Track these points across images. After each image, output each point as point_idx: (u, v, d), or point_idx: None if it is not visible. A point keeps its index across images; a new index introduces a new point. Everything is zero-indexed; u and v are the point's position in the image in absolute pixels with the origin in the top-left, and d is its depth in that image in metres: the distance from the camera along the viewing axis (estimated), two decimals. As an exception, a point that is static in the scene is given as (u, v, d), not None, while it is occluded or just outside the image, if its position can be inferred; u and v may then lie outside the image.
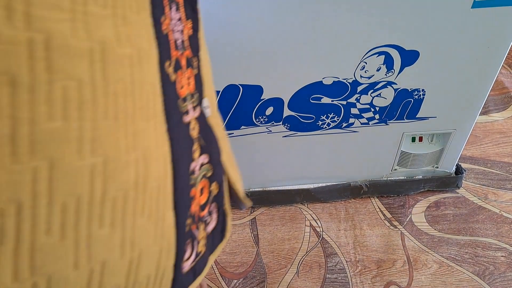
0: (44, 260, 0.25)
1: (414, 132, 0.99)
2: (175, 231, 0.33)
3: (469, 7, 0.75)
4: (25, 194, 0.23)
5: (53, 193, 0.24)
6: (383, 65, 0.83)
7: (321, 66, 0.82)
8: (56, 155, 0.24)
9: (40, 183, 0.24)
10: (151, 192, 0.30)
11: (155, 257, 0.32)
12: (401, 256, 1.00)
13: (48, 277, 0.26)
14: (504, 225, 1.06)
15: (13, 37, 0.20)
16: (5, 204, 0.23)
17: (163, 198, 0.31)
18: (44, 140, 0.23)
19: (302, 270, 0.98)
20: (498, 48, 0.83)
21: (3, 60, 0.21)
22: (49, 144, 0.23)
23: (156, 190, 0.30)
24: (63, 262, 0.26)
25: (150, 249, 0.31)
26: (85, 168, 0.25)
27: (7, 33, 0.20)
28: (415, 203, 1.11)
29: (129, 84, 0.26)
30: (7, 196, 0.23)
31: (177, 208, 0.33)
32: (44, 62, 0.22)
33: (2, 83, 0.21)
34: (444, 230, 1.05)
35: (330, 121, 0.92)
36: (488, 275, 0.96)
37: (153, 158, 0.29)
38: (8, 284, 0.24)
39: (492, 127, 1.31)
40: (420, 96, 0.90)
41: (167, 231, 0.32)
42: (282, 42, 0.77)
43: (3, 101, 0.21)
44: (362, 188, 1.09)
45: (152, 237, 0.31)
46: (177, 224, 0.33)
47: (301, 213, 1.09)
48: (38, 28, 0.21)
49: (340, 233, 1.04)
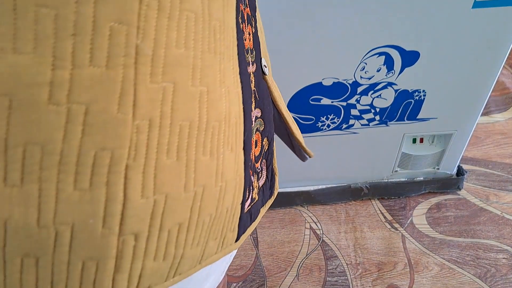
0: (163, 179, 0.27)
1: (414, 133, 0.98)
2: (244, 168, 0.36)
3: (470, 7, 0.75)
4: (156, 112, 0.25)
5: (174, 114, 0.26)
6: (384, 65, 0.82)
7: (320, 67, 0.81)
8: (178, 78, 0.26)
9: (166, 104, 0.26)
10: (232, 127, 0.32)
11: (232, 191, 0.34)
12: (402, 259, 0.99)
13: (165, 195, 0.28)
14: (505, 227, 1.05)
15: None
16: (141, 120, 0.25)
17: (239, 135, 0.34)
18: (172, 63, 0.25)
19: (302, 273, 0.97)
20: (498, 48, 0.82)
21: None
22: (175, 67, 0.26)
23: (234, 126, 0.33)
24: (176, 183, 0.28)
25: (231, 182, 0.33)
26: (195, 94, 0.27)
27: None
28: (416, 205, 1.11)
29: (221, 23, 0.29)
30: (144, 113, 0.25)
31: (245, 149, 0.35)
32: None
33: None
34: (445, 232, 1.04)
35: (330, 122, 0.92)
36: (489, 277, 0.95)
37: (233, 95, 0.32)
38: (137, 200, 0.26)
39: (493, 128, 1.31)
40: (420, 97, 0.89)
41: (240, 168, 0.35)
42: (281, 42, 0.77)
43: (150, 23, 0.24)
44: (362, 190, 1.09)
45: (232, 171, 0.33)
46: (245, 163, 0.36)
47: (301, 215, 1.08)
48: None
49: (341, 236, 1.04)
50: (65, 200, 0.25)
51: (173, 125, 0.27)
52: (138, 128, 0.25)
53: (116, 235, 0.26)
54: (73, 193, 0.25)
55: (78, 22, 0.22)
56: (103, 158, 0.25)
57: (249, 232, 0.40)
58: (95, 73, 0.23)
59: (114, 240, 0.26)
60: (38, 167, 0.23)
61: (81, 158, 0.24)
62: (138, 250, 0.27)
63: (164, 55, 0.25)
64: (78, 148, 0.24)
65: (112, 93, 0.24)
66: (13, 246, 0.25)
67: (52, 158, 0.24)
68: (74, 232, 0.25)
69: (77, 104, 0.23)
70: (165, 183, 0.27)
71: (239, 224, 0.37)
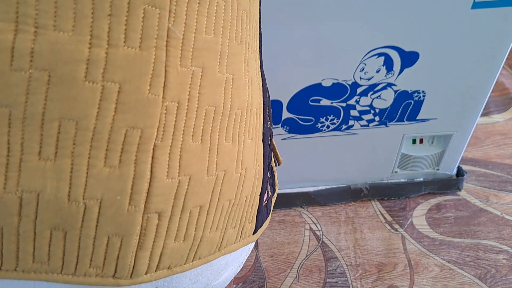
0: (188, 161, 0.28)
1: (414, 134, 0.98)
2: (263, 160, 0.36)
3: (469, 7, 0.75)
4: (185, 95, 0.26)
5: (201, 98, 0.27)
6: (383, 66, 0.82)
7: (320, 68, 0.81)
8: (207, 63, 0.27)
9: (194, 87, 0.27)
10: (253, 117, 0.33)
11: (251, 180, 0.34)
12: (402, 260, 0.99)
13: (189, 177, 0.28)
14: (505, 227, 1.05)
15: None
16: (170, 102, 0.26)
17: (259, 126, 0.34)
18: (201, 48, 0.26)
19: (302, 274, 0.97)
20: (498, 49, 0.82)
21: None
22: (204, 52, 0.26)
23: (255, 117, 0.33)
24: (200, 165, 0.28)
25: (250, 171, 0.34)
26: (222, 80, 0.28)
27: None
28: (416, 205, 1.11)
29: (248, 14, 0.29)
30: (173, 95, 0.26)
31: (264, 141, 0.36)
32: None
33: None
34: (445, 233, 1.04)
35: (329, 123, 0.92)
36: (489, 278, 0.95)
37: (255, 86, 0.32)
38: (163, 179, 0.27)
39: (493, 128, 1.31)
40: (420, 98, 0.89)
41: (259, 158, 0.35)
42: (280, 43, 0.77)
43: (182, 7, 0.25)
44: (362, 191, 1.08)
45: (252, 160, 0.34)
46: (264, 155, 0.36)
47: (301, 216, 1.08)
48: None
49: (340, 237, 1.03)
50: (95, 175, 0.25)
51: (200, 108, 0.27)
52: (167, 109, 0.26)
53: (141, 212, 0.27)
54: (103, 169, 0.25)
55: (114, 3, 0.23)
56: (133, 136, 0.25)
57: (265, 226, 0.41)
58: (129, 53, 0.24)
59: (139, 217, 0.27)
60: (71, 142, 0.24)
61: (113, 135, 0.25)
62: (160, 228, 0.28)
63: (194, 40, 0.26)
64: (110, 125, 0.24)
65: (144, 73, 0.24)
66: (43, 218, 0.25)
67: (86, 134, 0.24)
68: (102, 207, 0.26)
69: (112, 82, 0.24)
70: (190, 165, 0.28)
71: (257, 216, 0.38)
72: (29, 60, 0.22)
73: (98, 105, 0.24)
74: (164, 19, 0.24)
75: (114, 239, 0.27)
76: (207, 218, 0.31)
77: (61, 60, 0.22)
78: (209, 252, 0.33)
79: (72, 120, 0.24)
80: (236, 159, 0.31)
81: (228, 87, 0.29)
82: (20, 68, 0.22)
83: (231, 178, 0.31)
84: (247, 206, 0.35)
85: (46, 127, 0.23)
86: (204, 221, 0.30)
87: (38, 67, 0.22)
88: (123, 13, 0.23)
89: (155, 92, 0.25)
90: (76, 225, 0.26)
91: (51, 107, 0.23)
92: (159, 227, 0.28)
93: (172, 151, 0.27)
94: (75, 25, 0.22)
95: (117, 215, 0.26)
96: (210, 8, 0.26)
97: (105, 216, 0.26)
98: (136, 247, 0.28)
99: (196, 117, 0.27)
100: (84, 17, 0.22)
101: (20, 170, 0.23)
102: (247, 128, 0.32)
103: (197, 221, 0.30)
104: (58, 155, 0.24)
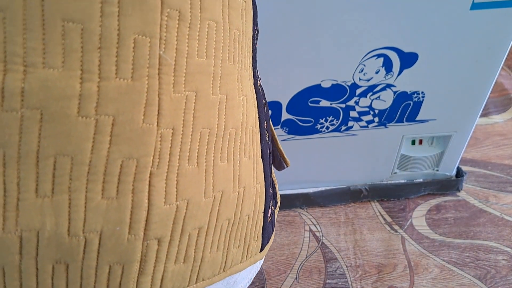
0: (185, 185, 0.28)
1: (414, 135, 0.98)
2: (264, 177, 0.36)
3: (468, 8, 0.75)
4: (179, 120, 0.26)
5: (195, 122, 0.27)
6: (382, 67, 0.82)
7: (319, 69, 0.81)
8: (200, 86, 0.27)
9: (189, 112, 0.26)
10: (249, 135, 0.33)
11: (252, 198, 0.34)
12: (402, 261, 0.99)
13: (187, 201, 0.28)
14: (505, 228, 1.05)
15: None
16: (165, 129, 0.26)
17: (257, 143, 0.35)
18: (193, 72, 0.26)
19: (301, 276, 0.96)
20: (497, 49, 0.82)
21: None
22: (196, 76, 0.26)
23: (251, 134, 0.33)
24: (197, 188, 0.29)
25: (250, 188, 0.34)
26: (216, 102, 0.28)
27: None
28: (415, 206, 1.11)
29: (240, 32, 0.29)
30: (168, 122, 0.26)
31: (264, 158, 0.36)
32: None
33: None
34: (445, 234, 1.04)
35: (329, 124, 0.92)
36: (489, 278, 0.95)
37: (250, 104, 0.32)
38: (161, 206, 0.27)
39: (492, 129, 1.31)
40: (419, 99, 0.89)
41: (260, 175, 0.35)
42: (279, 44, 0.77)
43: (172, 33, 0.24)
44: (362, 192, 1.08)
45: (251, 177, 0.34)
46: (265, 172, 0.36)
47: (300, 217, 1.08)
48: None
49: (340, 238, 1.03)
50: (93, 208, 0.25)
51: (195, 132, 0.27)
52: (162, 136, 0.26)
53: (141, 240, 0.27)
54: (101, 202, 0.25)
55: (104, 35, 0.22)
56: (129, 166, 0.25)
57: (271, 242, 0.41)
58: (122, 85, 0.23)
59: (139, 245, 0.27)
60: (68, 177, 0.24)
61: (109, 168, 0.25)
62: (160, 253, 0.28)
63: (186, 64, 0.25)
64: (106, 158, 0.24)
65: (138, 104, 0.24)
66: (45, 254, 0.25)
67: (81, 168, 0.24)
68: (102, 239, 0.26)
69: (105, 115, 0.24)
70: (187, 189, 0.28)
71: (263, 234, 0.38)
72: (20, 99, 0.22)
73: (92, 139, 0.24)
74: (155, 47, 0.24)
75: (115, 267, 0.27)
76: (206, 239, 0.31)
77: (52, 97, 0.22)
78: (213, 273, 0.33)
79: (67, 155, 0.23)
80: (232, 178, 0.31)
81: (222, 108, 0.29)
82: (11, 109, 0.22)
83: (229, 198, 0.31)
84: (250, 224, 0.35)
85: (41, 164, 0.23)
86: (203, 242, 0.31)
87: (29, 106, 0.22)
88: (113, 45, 0.23)
89: (150, 121, 0.25)
90: (77, 257, 0.26)
91: (45, 145, 0.23)
92: (159, 252, 0.28)
93: (169, 177, 0.27)
94: (65, 60, 0.22)
95: (117, 245, 0.26)
96: (201, 30, 0.26)
97: (105, 247, 0.26)
98: (137, 273, 0.28)
99: (191, 141, 0.27)
100: (74, 52, 0.22)
101: (18, 209, 0.23)
102: (243, 146, 0.32)
103: (196, 243, 0.30)
104: (55, 191, 0.24)
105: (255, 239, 0.37)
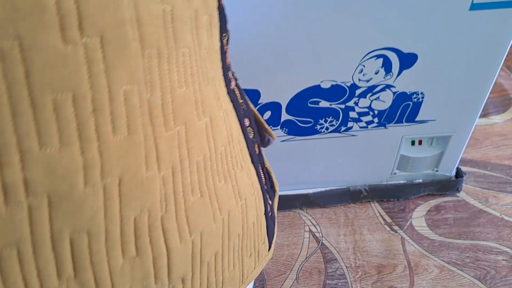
0: (194, 218, 0.27)
1: (413, 135, 0.98)
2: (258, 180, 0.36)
3: (467, 9, 0.75)
4: (175, 157, 0.26)
5: (190, 153, 0.27)
6: (382, 68, 0.82)
7: (319, 70, 0.81)
8: (186, 118, 0.26)
9: (182, 146, 0.26)
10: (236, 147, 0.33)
11: (254, 205, 0.34)
12: (402, 261, 0.99)
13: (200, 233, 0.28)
14: (505, 228, 1.05)
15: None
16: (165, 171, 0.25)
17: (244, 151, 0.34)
18: (179, 104, 0.25)
19: (301, 276, 0.96)
20: (496, 50, 0.82)
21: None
22: (182, 108, 0.26)
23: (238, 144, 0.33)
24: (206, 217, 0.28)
25: (250, 198, 0.34)
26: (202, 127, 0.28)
27: None
28: (415, 207, 1.11)
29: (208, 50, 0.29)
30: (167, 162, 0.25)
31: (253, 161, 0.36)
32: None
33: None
34: (445, 234, 1.04)
35: (328, 125, 0.92)
36: (489, 279, 0.95)
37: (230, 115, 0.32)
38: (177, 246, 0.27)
39: (492, 129, 1.31)
40: (419, 99, 0.89)
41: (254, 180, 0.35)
42: (279, 45, 0.77)
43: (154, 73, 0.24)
44: (361, 193, 1.08)
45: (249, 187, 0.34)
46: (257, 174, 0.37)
47: (300, 218, 1.08)
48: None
49: (340, 238, 1.03)
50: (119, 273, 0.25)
51: (192, 164, 0.27)
52: (164, 179, 0.25)
53: (166, 285, 0.27)
54: (125, 265, 0.25)
55: (95, 97, 0.21)
56: (142, 220, 0.25)
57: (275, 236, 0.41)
58: (120, 142, 0.23)
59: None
60: (87, 253, 0.23)
61: (124, 228, 0.24)
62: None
63: (172, 99, 0.25)
64: (119, 221, 0.24)
65: (139, 156, 0.24)
66: None
67: (99, 239, 0.23)
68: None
69: (111, 177, 0.23)
70: (197, 221, 0.28)
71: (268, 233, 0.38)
72: (24, 190, 0.21)
73: (103, 206, 0.23)
74: (143, 93, 0.23)
75: None
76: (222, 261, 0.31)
77: (57, 177, 0.21)
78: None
79: (83, 231, 0.23)
80: (233, 195, 0.31)
81: (209, 131, 0.29)
82: (17, 203, 0.21)
83: (235, 215, 0.31)
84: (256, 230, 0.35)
85: (58, 247, 0.22)
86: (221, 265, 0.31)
87: (35, 194, 0.21)
88: (106, 104, 0.22)
89: (152, 169, 0.25)
90: None
91: (58, 227, 0.22)
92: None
93: (178, 216, 0.27)
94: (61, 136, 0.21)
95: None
96: (178, 60, 0.25)
97: None
98: None
99: (191, 173, 0.27)
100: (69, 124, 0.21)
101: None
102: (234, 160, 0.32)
103: (215, 269, 0.30)
104: (77, 270, 0.23)
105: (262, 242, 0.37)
